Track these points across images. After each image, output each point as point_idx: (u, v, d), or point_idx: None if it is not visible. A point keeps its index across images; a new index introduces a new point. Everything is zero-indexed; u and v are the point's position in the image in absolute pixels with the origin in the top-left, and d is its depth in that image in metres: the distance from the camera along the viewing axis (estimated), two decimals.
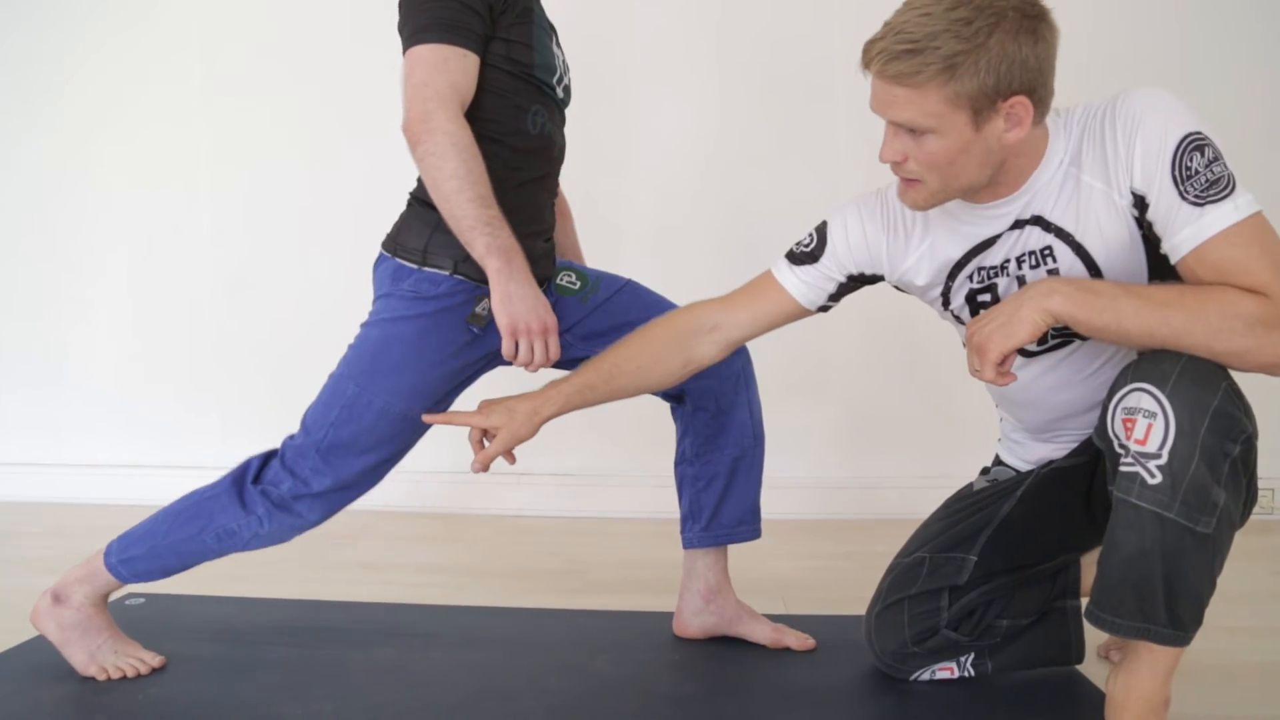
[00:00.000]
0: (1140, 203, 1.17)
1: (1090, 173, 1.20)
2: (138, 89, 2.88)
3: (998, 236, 1.28)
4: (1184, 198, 1.12)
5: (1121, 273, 1.22)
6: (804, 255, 1.43)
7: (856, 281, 1.43)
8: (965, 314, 1.37)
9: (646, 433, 2.26)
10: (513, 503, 2.81)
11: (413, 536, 2.54)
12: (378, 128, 2.18)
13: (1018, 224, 1.26)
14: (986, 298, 1.33)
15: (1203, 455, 1.08)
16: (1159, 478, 1.09)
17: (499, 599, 1.95)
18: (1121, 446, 1.14)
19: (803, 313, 1.44)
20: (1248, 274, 1.08)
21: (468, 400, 1.55)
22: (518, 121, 1.49)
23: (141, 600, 1.90)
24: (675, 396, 1.67)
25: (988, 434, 1.61)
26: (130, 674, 1.51)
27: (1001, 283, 1.30)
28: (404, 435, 1.54)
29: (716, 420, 1.64)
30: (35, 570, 2.13)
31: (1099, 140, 1.19)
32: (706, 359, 1.45)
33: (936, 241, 1.34)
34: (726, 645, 1.65)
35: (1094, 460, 1.35)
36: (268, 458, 1.56)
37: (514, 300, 1.39)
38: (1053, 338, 1.31)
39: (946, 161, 1.18)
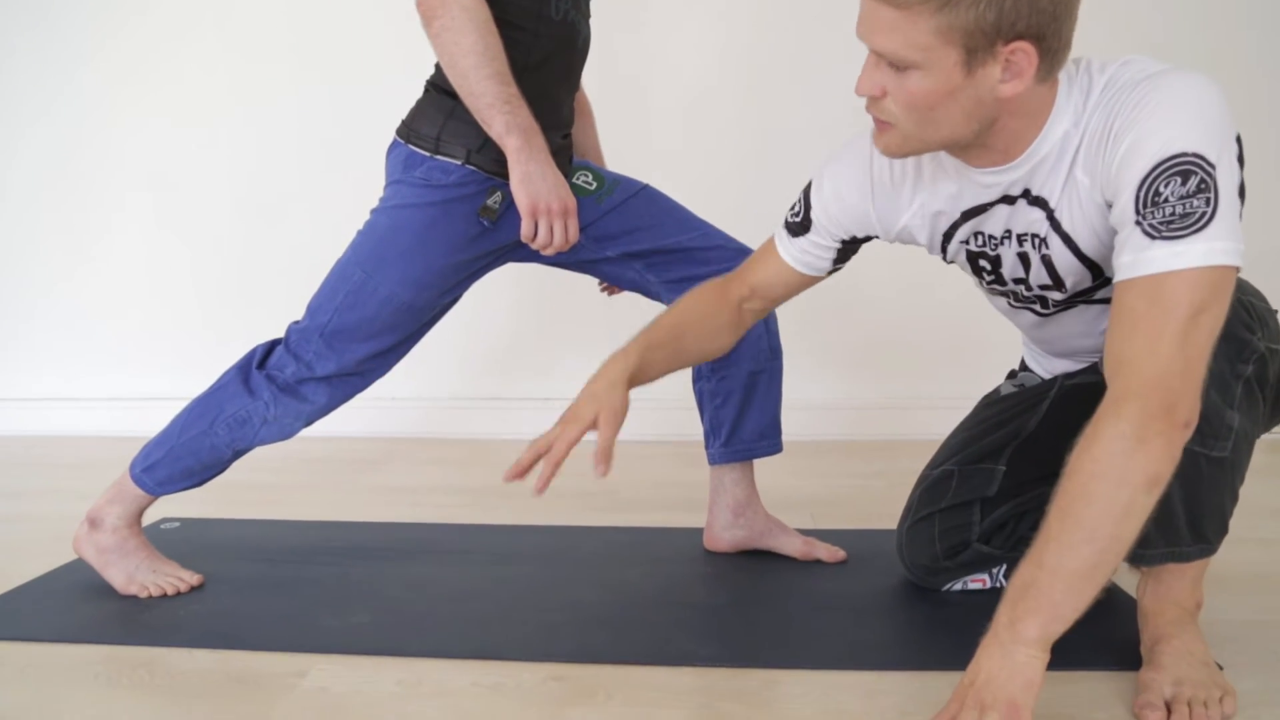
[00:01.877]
0: (1110, 207, 1.05)
1: (1082, 166, 1.07)
2: (155, 27, 2.84)
3: (993, 205, 1.17)
4: (1139, 223, 0.98)
5: None
6: (796, 225, 1.34)
7: (856, 243, 1.34)
8: (968, 269, 1.30)
9: None
10: (538, 428, 2.79)
11: (439, 461, 2.56)
12: (398, 60, 2.15)
13: (1010, 198, 1.14)
14: (987, 265, 1.26)
15: (1213, 382, 1.04)
16: None
17: (528, 518, 1.96)
18: None
19: (815, 280, 1.37)
20: (1129, 337, 0.98)
21: (481, 331, 1.54)
22: (540, 6, 1.44)
23: (176, 524, 1.93)
24: None
25: (1016, 354, 1.59)
26: (170, 592, 1.54)
27: (1005, 253, 1.21)
28: (408, 325, 1.54)
29: None
30: (70, 498, 2.15)
31: (1101, 129, 1.04)
32: (751, 322, 1.42)
33: (928, 200, 1.23)
34: (757, 558, 1.66)
35: None
36: (272, 345, 1.57)
37: (534, 180, 1.37)
38: (1054, 305, 1.27)
39: (927, 106, 1.02)
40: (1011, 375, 1.55)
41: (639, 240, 1.59)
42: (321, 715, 1.16)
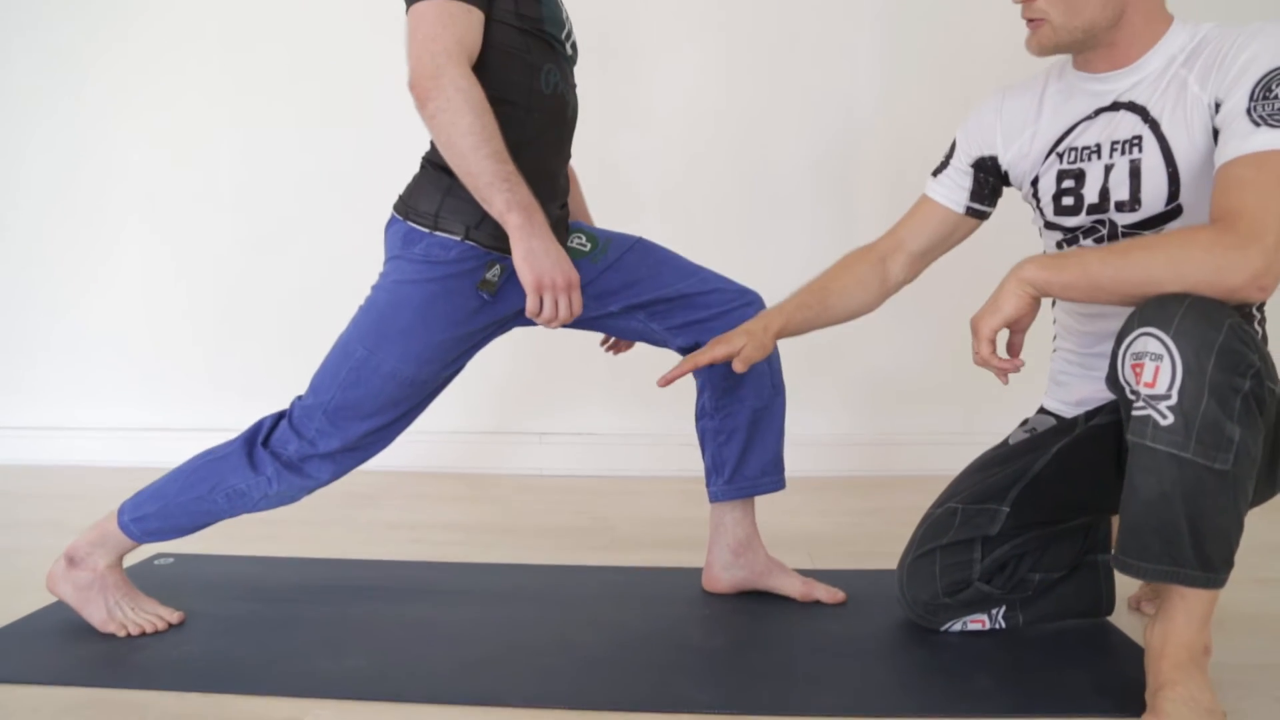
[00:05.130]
0: (1218, 109, 1.18)
1: (1195, 77, 1.22)
2: (159, 56, 2.86)
3: (1097, 114, 1.33)
4: (1249, 113, 1.13)
5: (1201, 183, 1.22)
6: (940, 164, 1.54)
7: (984, 172, 1.49)
8: (1050, 210, 1.39)
9: (669, 391, 2.25)
10: (535, 462, 2.81)
11: (437, 496, 2.55)
12: (394, 94, 2.17)
13: (1115, 105, 1.31)
14: (1071, 184, 1.35)
15: (1212, 392, 1.06)
16: (1171, 419, 1.08)
17: (526, 556, 1.95)
18: (1133, 392, 1.13)
19: (957, 219, 1.52)
20: (1238, 195, 1.10)
21: (481, 367, 1.55)
22: (531, 81, 1.45)
23: (170, 560, 1.91)
24: (689, 351, 1.65)
25: (1013, 390, 1.59)
26: (149, 630, 1.53)
27: (1090, 169, 1.33)
28: (412, 399, 1.54)
29: (733, 373, 1.62)
30: (59, 532, 2.14)
31: (1217, 51, 1.21)
32: (900, 278, 1.54)
33: (1042, 125, 1.40)
34: (757, 599, 1.64)
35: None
36: (278, 419, 1.56)
37: (538, 256, 1.37)
38: (1122, 236, 1.31)
39: None
40: (1024, 423, 1.55)
41: (639, 292, 1.60)
42: None
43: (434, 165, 1.48)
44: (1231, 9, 2.46)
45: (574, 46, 1.57)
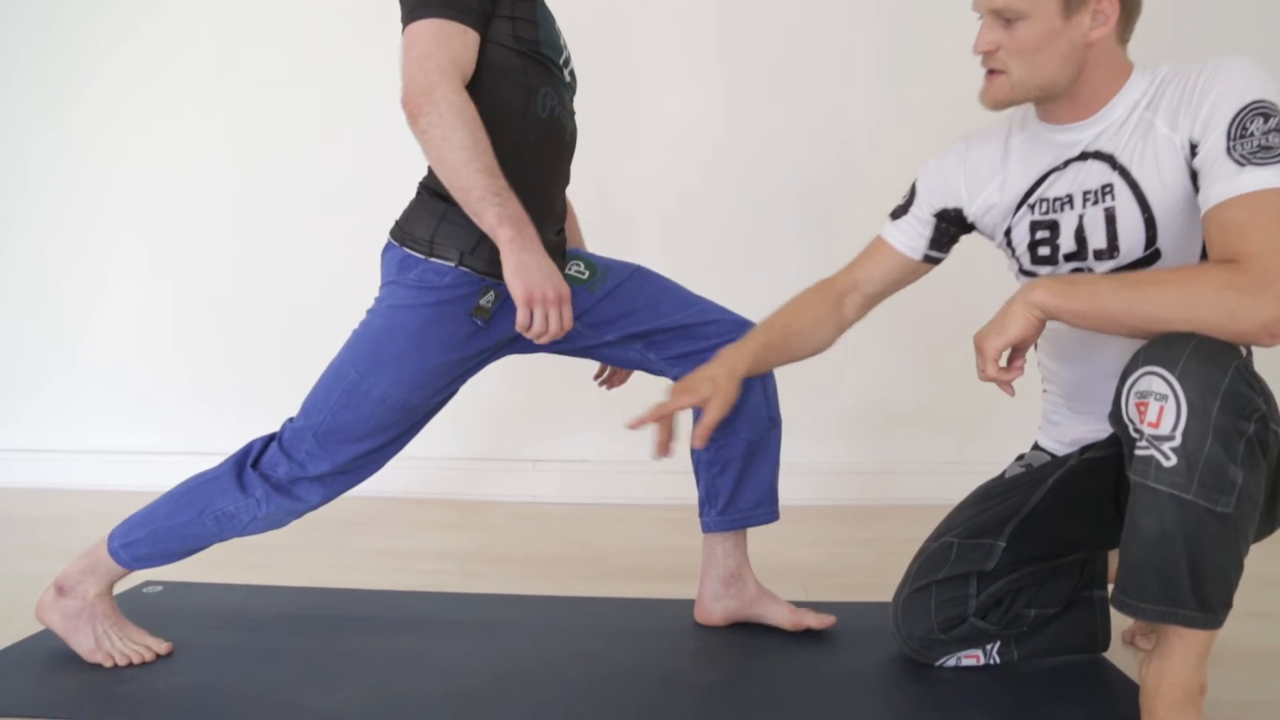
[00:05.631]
0: (1194, 151, 1.19)
1: (1162, 118, 1.23)
2: (155, 76, 2.87)
3: (1066, 165, 1.33)
4: (1230, 153, 1.14)
5: (1178, 226, 1.23)
6: (900, 208, 1.52)
7: (947, 222, 1.48)
8: (1026, 259, 1.39)
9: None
10: (527, 489, 2.80)
11: (426, 523, 2.53)
12: (391, 116, 2.18)
13: (1084, 155, 1.31)
14: (1045, 234, 1.35)
15: (1216, 435, 1.06)
16: (1174, 460, 1.08)
17: (516, 586, 1.94)
18: (1136, 431, 1.13)
19: (914, 265, 1.51)
20: (1241, 238, 1.10)
21: (472, 393, 1.54)
22: (527, 104, 1.46)
23: (159, 588, 1.90)
24: None
25: (1007, 418, 1.59)
26: (136, 660, 1.51)
27: (1063, 219, 1.33)
28: (402, 424, 1.53)
29: (729, 404, 1.61)
30: (50, 558, 2.12)
31: (1179, 91, 1.22)
32: (853, 318, 1.54)
33: (1009, 176, 1.40)
34: (749, 632, 1.63)
35: (1123, 454, 1.33)
36: (269, 441, 1.55)
37: (529, 269, 1.35)
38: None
39: (1033, 48, 1.25)
40: (1020, 458, 1.55)
41: (636, 322, 1.60)
42: None
43: (430, 191, 1.48)
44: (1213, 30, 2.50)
45: (572, 74, 1.58)
